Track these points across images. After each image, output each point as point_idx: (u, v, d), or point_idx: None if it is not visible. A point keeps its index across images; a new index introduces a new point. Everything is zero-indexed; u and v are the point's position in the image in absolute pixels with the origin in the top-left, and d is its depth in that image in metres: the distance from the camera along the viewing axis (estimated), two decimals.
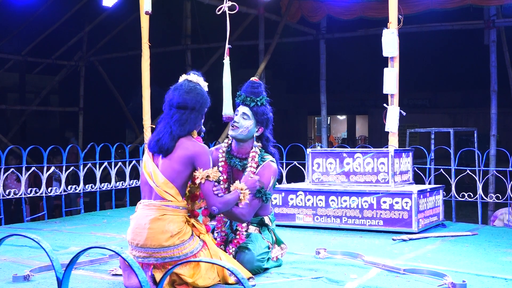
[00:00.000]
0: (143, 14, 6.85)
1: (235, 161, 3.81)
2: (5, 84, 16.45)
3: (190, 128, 3.38)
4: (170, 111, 3.41)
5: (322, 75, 11.51)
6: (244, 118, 3.76)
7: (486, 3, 9.58)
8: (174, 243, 3.22)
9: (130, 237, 3.30)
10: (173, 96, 3.42)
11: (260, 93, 3.83)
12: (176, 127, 3.34)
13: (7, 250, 4.44)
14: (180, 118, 3.37)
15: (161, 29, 13.46)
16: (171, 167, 3.30)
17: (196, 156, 3.30)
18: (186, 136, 3.38)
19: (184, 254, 3.24)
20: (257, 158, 3.75)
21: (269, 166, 3.75)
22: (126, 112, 14.37)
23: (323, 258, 4.13)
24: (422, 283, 3.45)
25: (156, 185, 3.31)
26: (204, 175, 3.28)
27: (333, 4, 10.56)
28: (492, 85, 9.72)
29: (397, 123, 5.89)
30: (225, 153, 3.86)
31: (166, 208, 3.27)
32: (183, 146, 3.32)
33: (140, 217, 3.29)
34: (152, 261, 3.24)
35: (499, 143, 9.97)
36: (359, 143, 23.92)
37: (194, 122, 3.39)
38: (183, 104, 3.38)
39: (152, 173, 3.34)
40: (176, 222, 3.25)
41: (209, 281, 3.28)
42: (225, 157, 3.85)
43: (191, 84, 3.46)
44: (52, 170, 6.80)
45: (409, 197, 5.23)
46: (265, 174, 3.71)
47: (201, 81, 3.51)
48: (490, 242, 4.91)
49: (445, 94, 24.02)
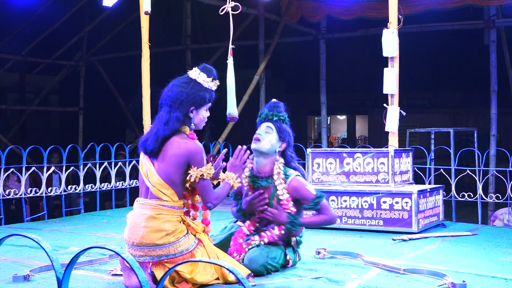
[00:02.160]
0: (143, 14, 6.85)
1: (260, 182, 3.71)
2: (5, 84, 16.45)
3: (173, 126, 3.32)
4: (160, 109, 3.41)
5: (322, 75, 11.51)
6: (267, 132, 3.71)
7: (486, 3, 9.57)
8: (169, 241, 3.24)
9: (127, 236, 3.31)
10: (163, 91, 3.42)
11: (281, 111, 3.80)
12: (161, 127, 3.33)
13: (7, 250, 4.44)
14: (163, 116, 3.35)
15: (161, 29, 13.47)
16: (166, 167, 3.29)
17: (188, 154, 3.27)
18: (178, 134, 3.34)
19: (179, 251, 3.25)
20: (282, 175, 3.69)
21: (298, 180, 3.69)
22: (126, 112, 14.36)
23: (323, 258, 4.13)
24: (422, 283, 3.45)
25: (151, 184, 3.31)
26: (198, 174, 3.27)
27: (333, 4, 10.55)
28: (492, 85, 9.72)
29: (397, 123, 5.89)
30: (248, 178, 3.76)
31: (162, 207, 3.27)
32: (175, 145, 3.29)
33: (136, 215, 3.31)
34: (148, 260, 3.25)
35: (499, 143, 9.97)
36: (359, 143, 23.91)
37: (177, 119, 3.32)
38: (164, 100, 3.38)
39: (148, 172, 3.34)
40: (171, 222, 3.26)
41: (207, 277, 3.29)
42: (249, 182, 3.76)
43: (181, 79, 3.43)
44: (52, 170, 6.80)
45: (409, 197, 5.23)
46: (301, 190, 3.67)
47: (200, 76, 3.42)
48: (490, 242, 4.91)
49: (445, 94, 24.02)
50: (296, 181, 3.69)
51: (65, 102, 16.03)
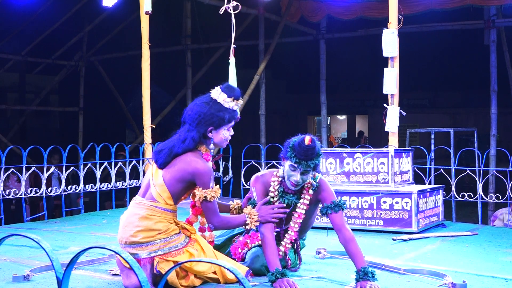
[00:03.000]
0: (143, 14, 6.85)
1: (290, 199, 3.60)
2: (5, 84, 16.45)
3: (188, 146, 3.35)
4: (182, 124, 3.45)
5: (322, 75, 11.51)
6: (305, 175, 3.49)
7: (486, 3, 9.58)
8: (160, 238, 3.27)
9: (119, 236, 3.34)
10: (186, 108, 3.47)
11: (317, 150, 3.47)
12: (177, 143, 3.37)
13: (7, 250, 4.44)
14: (182, 133, 3.39)
15: (161, 29, 13.48)
16: (170, 176, 3.33)
17: (195, 173, 3.30)
18: (194, 151, 3.37)
19: (174, 245, 3.29)
20: (312, 190, 3.59)
21: (324, 180, 3.65)
22: (126, 112, 14.36)
23: (323, 258, 4.13)
24: (422, 283, 3.45)
25: (153, 183, 3.35)
26: (202, 195, 3.30)
27: (333, 4, 10.55)
28: (492, 85, 9.72)
29: (397, 123, 5.89)
30: (277, 191, 3.63)
31: (155, 209, 3.31)
32: (186, 160, 3.33)
33: (129, 215, 3.34)
34: (139, 258, 3.25)
35: (499, 143, 9.97)
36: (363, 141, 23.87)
37: (192, 140, 3.35)
38: (185, 118, 3.43)
39: (155, 172, 3.39)
40: (162, 222, 3.30)
41: (205, 268, 3.32)
42: (277, 195, 3.62)
43: (202, 98, 3.45)
44: (52, 170, 6.80)
45: (409, 197, 5.23)
46: (327, 191, 3.60)
47: (221, 96, 3.40)
48: (490, 242, 4.91)
49: (445, 94, 23.99)
50: (323, 180, 3.66)
51: (65, 102, 16.04)
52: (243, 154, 7.78)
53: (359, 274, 3.32)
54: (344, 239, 3.46)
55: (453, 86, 22.77)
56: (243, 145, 8.06)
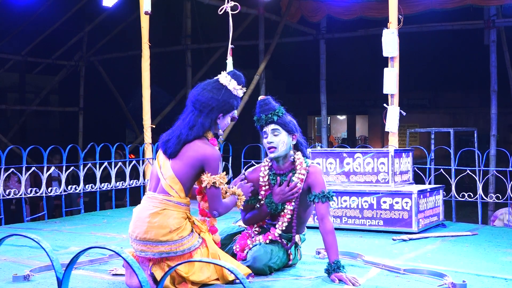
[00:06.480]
0: (143, 14, 6.85)
1: (285, 178, 3.69)
2: (5, 84, 16.45)
3: (198, 133, 3.33)
4: (187, 109, 3.41)
5: (322, 75, 11.52)
6: (275, 135, 3.64)
7: (486, 3, 9.58)
8: (172, 239, 3.23)
9: (131, 229, 3.32)
10: (191, 93, 3.43)
11: (274, 106, 3.68)
12: (184, 130, 3.33)
13: (7, 250, 4.44)
14: (190, 119, 3.36)
15: (161, 29, 13.48)
16: (180, 164, 3.30)
17: (204, 159, 3.28)
18: (201, 138, 3.36)
19: (181, 250, 3.25)
20: (305, 164, 3.67)
21: (315, 167, 3.71)
22: (126, 112, 14.36)
23: (323, 258, 4.13)
24: (422, 283, 3.45)
25: (163, 177, 3.32)
26: (210, 181, 3.28)
27: (333, 4, 10.56)
28: (492, 85, 9.73)
29: (397, 123, 5.89)
30: (266, 176, 3.73)
31: (168, 203, 3.27)
32: (194, 147, 3.31)
33: (141, 210, 3.31)
34: (149, 255, 3.25)
35: (499, 143, 9.97)
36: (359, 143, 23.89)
37: (202, 126, 3.34)
38: (193, 103, 3.39)
39: (163, 165, 3.36)
40: (176, 218, 3.25)
41: (203, 277, 3.28)
42: (269, 179, 3.73)
43: (211, 84, 3.43)
44: (52, 170, 6.80)
45: (409, 197, 5.23)
46: (318, 179, 3.66)
47: (231, 83, 3.42)
48: (490, 242, 4.91)
49: (445, 94, 23.99)
50: (314, 167, 3.70)
51: (65, 102, 16.04)
52: (243, 154, 7.78)
53: (331, 266, 3.46)
54: (325, 229, 3.55)
55: (453, 86, 22.78)
56: (243, 145, 8.06)
